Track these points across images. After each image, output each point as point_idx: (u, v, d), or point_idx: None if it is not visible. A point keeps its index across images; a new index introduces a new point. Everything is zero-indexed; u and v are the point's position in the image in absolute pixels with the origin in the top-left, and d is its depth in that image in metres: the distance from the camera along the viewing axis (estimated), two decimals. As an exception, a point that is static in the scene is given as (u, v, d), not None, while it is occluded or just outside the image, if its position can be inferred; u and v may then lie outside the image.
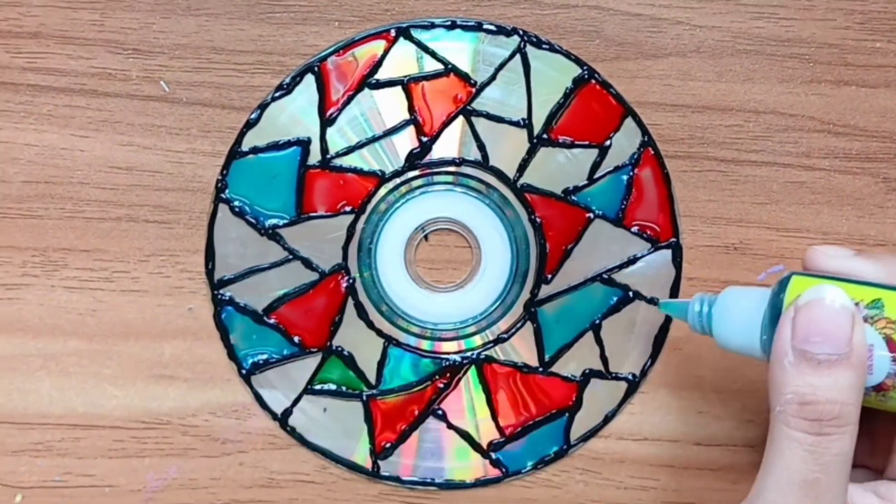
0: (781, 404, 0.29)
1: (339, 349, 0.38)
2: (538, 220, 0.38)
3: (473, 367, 0.38)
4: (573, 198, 0.38)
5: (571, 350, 0.38)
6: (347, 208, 0.38)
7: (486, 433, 0.38)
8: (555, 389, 0.38)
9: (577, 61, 0.38)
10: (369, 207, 0.38)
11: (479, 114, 0.38)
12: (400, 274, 0.38)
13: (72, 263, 0.37)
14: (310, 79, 0.37)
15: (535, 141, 0.38)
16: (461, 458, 0.38)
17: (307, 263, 0.38)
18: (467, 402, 0.38)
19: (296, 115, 0.37)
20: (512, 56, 0.38)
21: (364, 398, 0.38)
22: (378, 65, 0.37)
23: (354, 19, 0.37)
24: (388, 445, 0.38)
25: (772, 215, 0.39)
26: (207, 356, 0.38)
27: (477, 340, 0.38)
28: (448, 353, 0.38)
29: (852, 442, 0.29)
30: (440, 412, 0.38)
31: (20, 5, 0.36)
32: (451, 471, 0.38)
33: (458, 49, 0.38)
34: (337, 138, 0.37)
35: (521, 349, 0.38)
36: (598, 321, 0.38)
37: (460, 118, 0.38)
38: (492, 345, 0.38)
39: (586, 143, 0.38)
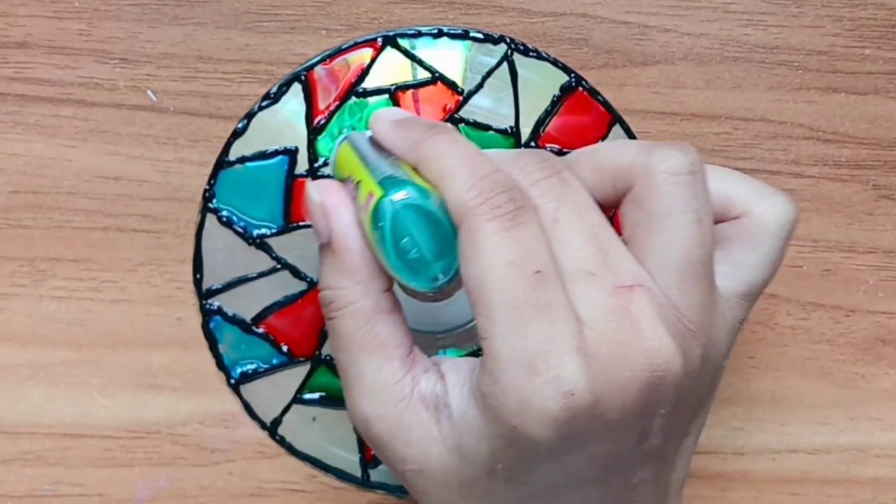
0: None
1: (328, 358, 0.38)
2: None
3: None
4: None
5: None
6: (335, 217, 0.37)
7: (476, 441, 0.38)
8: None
9: (565, 69, 0.38)
10: (357, 216, 0.37)
11: (467, 122, 0.37)
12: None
13: (60, 273, 0.37)
14: (297, 87, 0.37)
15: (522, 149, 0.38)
16: (450, 467, 0.38)
17: (295, 272, 0.37)
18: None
19: (283, 123, 0.37)
20: (499, 64, 0.37)
21: (353, 407, 0.38)
22: (365, 73, 0.37)
23: (342, 28, 0.37)
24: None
25: (761, 223, 0.38)
26: (196, 366, 0.38)
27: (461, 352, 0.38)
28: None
29: (355, 322, 0.28)
30: (429, 420, 0.38)
31: (7, 15, 0.36)
32: (441, 479, 0.38)
33: (449, 57, 0.37)
34: (333, 144, 0.37)
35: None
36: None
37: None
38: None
39: (574, 150, 0.38)
